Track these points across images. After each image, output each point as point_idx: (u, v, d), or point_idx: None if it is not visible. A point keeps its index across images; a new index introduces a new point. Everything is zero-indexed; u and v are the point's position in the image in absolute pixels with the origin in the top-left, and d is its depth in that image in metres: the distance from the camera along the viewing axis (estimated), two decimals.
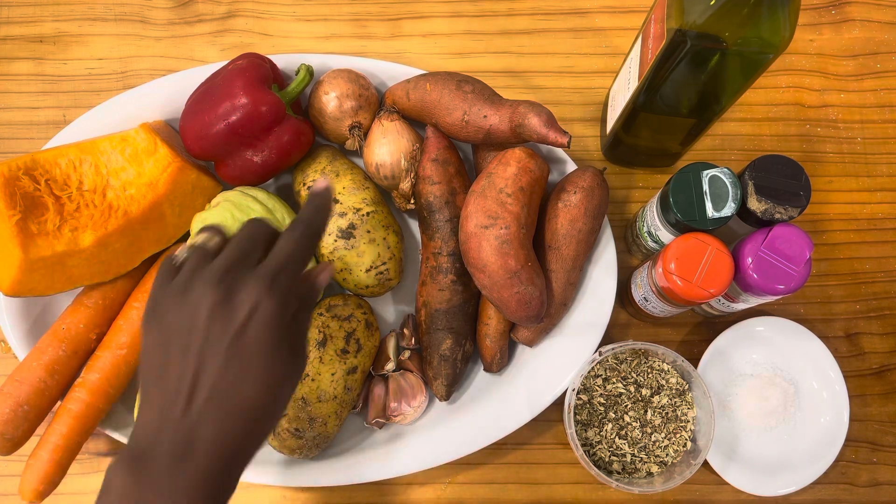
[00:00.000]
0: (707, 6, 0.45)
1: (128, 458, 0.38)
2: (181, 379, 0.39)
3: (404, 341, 0.62)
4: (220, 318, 0.40)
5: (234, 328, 0.39)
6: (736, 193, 0.55)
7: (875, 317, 0.68)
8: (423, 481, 0.64)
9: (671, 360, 0.60)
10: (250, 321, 0.40)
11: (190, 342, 0.40)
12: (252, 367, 0.39)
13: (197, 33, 0.72)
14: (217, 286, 0.40)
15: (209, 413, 0.39)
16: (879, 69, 0.72)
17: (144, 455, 0.38)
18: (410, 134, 0.63)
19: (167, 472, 0.38)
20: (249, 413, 0.40)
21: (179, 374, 0.39)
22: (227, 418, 0.39)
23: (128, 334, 0.58)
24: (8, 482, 0.63)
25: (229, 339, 0.39)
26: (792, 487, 0.62)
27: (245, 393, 0.39)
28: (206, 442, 0.38)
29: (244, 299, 0.40)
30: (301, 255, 0.43)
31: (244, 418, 0.39)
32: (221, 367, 0.39)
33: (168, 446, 0.38)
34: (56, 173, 0.58)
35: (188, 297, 0.41)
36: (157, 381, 0.40)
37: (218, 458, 0.39)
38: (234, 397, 0.39)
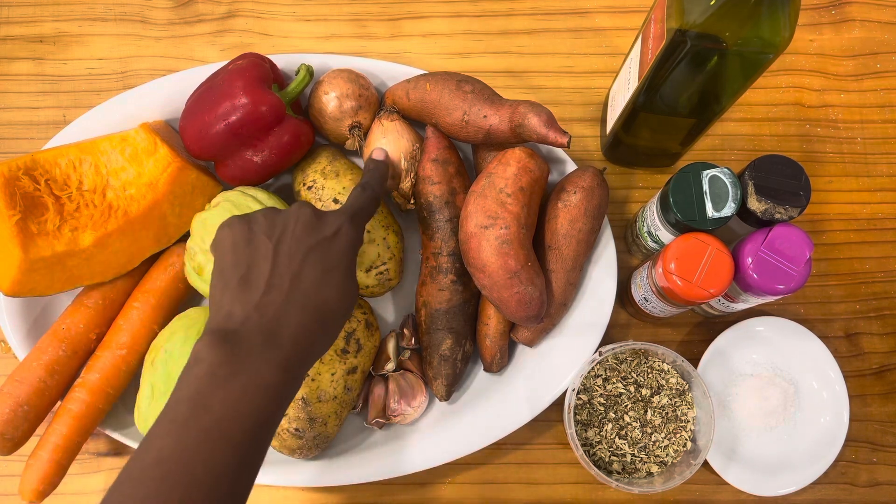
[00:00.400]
0: (707, 6, 0.45)
1: (216, 336, 0.42)
2: (272, 273, 0.44)
3: (404, 341, 0.62)
4: (310, 228, 0.47)
5: (321, 238, 0.46)
6: (736, 193, 0.55)
7: (875, 317, 0.68)
8: (423, 481, 0.64)
9: (671, 360, 0.60)
10: (335, 237, 0.47)
11: (281, 240, 0.46)
12: (333, 274, 0.46)
13: (197, 33, 0.72)
14: (305, 205, 0.48)
15: (294, 306, 0.44)
16: (879, 69, 0.72)
17: (234, 335, 0.42)
18: (410, 134, 0.63)
19: (257, 352, 0.42)
20: (327, 314, 0.45)
21: (269, 270, 0.44)
22: (308, 313, 0.44)
23: (128, 334, 0.58)
24: (8, 482, 0.63)
25: (316, 245, 0.46)
26: (792, 487, 0.62)
27: (326, 295, 0.45)
28: (291, 330, 0.43)
29: (331, 221, 0.48)
30: (370, 210, 0.52)
31: (322, 317, 0.45)
32: (308, 267, 0.45)
33: (258, 330, 0.42)
34: (56, 173, 0.58)
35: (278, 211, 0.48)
36: (242, 275, 0.45)
37: (298, 348, 0.43)
38: (316, 296, 0.45)
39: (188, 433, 0.39)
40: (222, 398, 0.40)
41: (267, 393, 0.41)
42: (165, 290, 0.60)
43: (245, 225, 0.47)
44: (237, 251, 0.46)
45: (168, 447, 0.38)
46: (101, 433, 0.63)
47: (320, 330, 0.45)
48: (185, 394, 0.40)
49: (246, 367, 0.41)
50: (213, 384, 0.40)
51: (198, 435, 0.39)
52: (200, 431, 0.39)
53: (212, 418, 0.39)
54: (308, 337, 0.44)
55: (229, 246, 0.46)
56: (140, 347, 0.59)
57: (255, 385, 0.41)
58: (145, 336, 0.59)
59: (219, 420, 0.39)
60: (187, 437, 0.39)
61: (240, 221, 0.47)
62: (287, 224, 0.47)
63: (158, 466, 0.38)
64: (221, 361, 0.40)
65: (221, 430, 0.39)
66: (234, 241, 0.46)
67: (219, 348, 0.41)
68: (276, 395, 0.41)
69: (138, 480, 0.38)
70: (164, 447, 0.38)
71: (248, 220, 0.47)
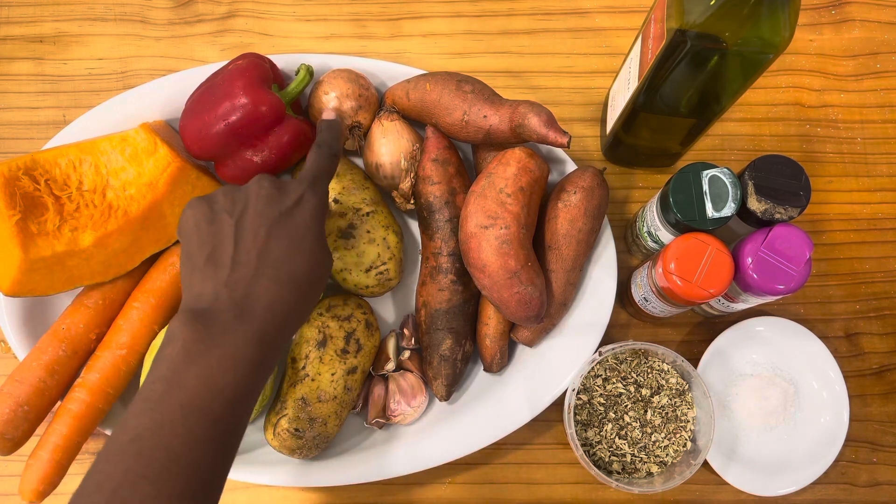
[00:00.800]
0: (707, 6, 0.45)
1: (188, 315, 0.42)
2: (237, 250, 0.45)
3: (404, 341, 0.62)
4: (272, 200, 0.46)
5: (284, 208, 0.46)
6: (736, 193, 0.55)
7: (875, 317, 0.68)
8: (423, 481, 0.64)
9: (671, 360, 0.60)
10: (297, 207, 0.47)
11: (243, 216, 0.46)
12: (301, 243, 0.46)
13: (197, 33, 0.72)
14: (264, 177, 0.48)
15: (264, 277, 0.44)
16: (879, 69, 0.72)
17: (206, 312, 0.42)
18: (410, 134, 0.63)
19: (230, 326, 0.42)
20: (299, 283, 0.45)
21: (234, 247, 0.45)
22: (279, 285, 0.44)
23: (128, 334, 0.58)
24: (8, 482, 0.63)
25: (280, 216, 0.46)
26: (792, 487, 0.62)
27: (294, 265, 0.45)
28: (263, 302, 0.43)
29: (292, 190, 0.48)
30: (329, 171, 0.51)
31: (295, 287, 0.45)
32: (275, 238, 0.45)
33: (229, 305, 0.43)
34: (56, 173, 0.58)
35: (238, 188, 0.48)
36: (207, 254, 0.45)
37: (272, 320, 0.43)
38: (286, 266, 0.45)
39: (164, 410, 0.39)
40: (196, 374, 0.40)
41: (243, 366, 0.41)
42: (165, 290, 0.60)
43: (206, 205, 0.47)
44: (200, 232, 0.46)
45: (144, 425, 0.39)
46: (101, 433, 0.63)
47: (294, 299, 0.45)
48: (159, 373, 0.40)
49: (219, 342, 0.41)
50: (187, 361, 0.40)
51: (173, 411, 0.39)
52: (176, 407, 0.39)
53: (187, 394, 0.39)
54: (282, 308, 0.44)
55: (193, 227, 0.46)
56: (140, 347, 0.59)
57: (230, 359, 0.41)
58: (145, 336, 0.59)
59: (194, 395, 0.39)
60: (163, 413, 0.39)
61: (200, 202, 0.47)
62: (248, 199, 0.47)
63: (135, 443, 0.38)
64: (194, 338, 0.41)
65: (197, 405, 0.39)
66: (197, 221, 0.46)
67: (192, 325, 0.41)
68: (253, 367, 0.42)
69: (116, 457, 0.38)
70: (140, 425, 0.39)
71: (208, 200, 0.47)
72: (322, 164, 0.51)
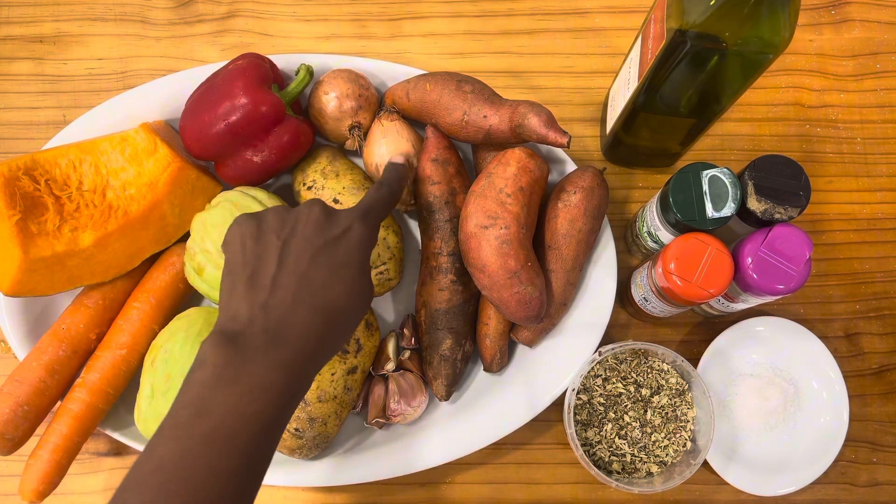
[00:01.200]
0: (707, 6, 0.45)
1: (221, 336, 0.41)
2: (279, 272, 0.44)
3: (404, 341, 0.62)
4: (320, 225, 0.46)
5: (330, 236, 0.45)
6: (736, 193, 0.55)
7: (875, 317, 0.68)
8: (422, 481, 0.64)
9: (671, 360, 0.60)
10: (345, 235, 0.46)
11: (290, 239, 0.45)
12: (342, 273, 0.45)
13: (197, 33, 0.72)
14: (316, 203, 0.47)
15: (301, 305, 0.43)
16: (879, 69, 0.72)
17: (239, 336, 0.41)
18: (410, 134, 0.63)
19: (262, 351, 0.41)
20: (335, 313, 0.44)
21: (276, 269, 0.44)
22: (315, 313, 0.43)
23: (128, 334, 0.58)
24: (8, 482, 0.63)
25: (325, 244, 0.45)
26: (792, 487, 0.62)
27: (334, 294, 0.44)
28: (297, 330, 0.42)
29: (342, 219, 0.47)
30: (385, 206, 0.50)
31: (330, 317, 0.44)
32: (316, 266, 0.44)
33: (263, 329, 0.42)
34: (56, 173, 0.58)
35: (289, 209, 0.47)
36: (249, 274, 0.44)
37: (304, 348, 0.42)
38: (323, 295, 0.44)
39: (190, 438, 0.38)
40: (224, 401, 0.39)
41: (271, 395, 0.40)
42: (165, 290, 0.60)
43: (254, 223, 0.46)
44: (245, 250, 0.45)
45: (169, 454, 0.38)
46: (101, 433, 0.63)
47: (328, 329, 0.44)
48: (187, 398, 0.40)
49: (249, 369, 0.40)
50: (215, 386, 0.39)
51: (200, 440, 0.38)
52: (202, 436, 0.38)
53: (212, 422, 0.38)
54: (316, 337, 0.43)
55: (238, 244, 0.46)
56: (140, 347, 0.59)
57: (258, 387, 0.40)
58: (145, 336, 0.59)
59: (220, 424, 0.38)
60: (189, 441, 0.38)
61: (249, 219, 0.47)
62: (297, 222, 0.46)
63: (159, 472, 0.37)
64: (225, 363, 0.40)
65: (223, 434, 0.38)
66: (243, 239, 0.46)
67: (223, 349, 0.40)
68: (281, 396, 0.40)
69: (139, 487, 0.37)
70: (164, 454, 0.38)
71: (257, 219, 0.47)
72: (379, 199, 0.50)
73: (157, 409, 0.54)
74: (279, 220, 0.46)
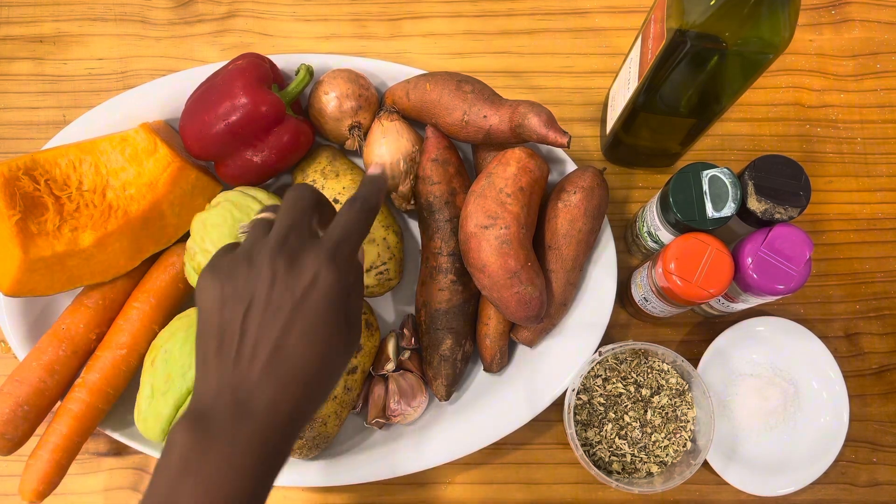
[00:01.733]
0: (707, 6, 0.45)
1: (189, 417, 0.39)
2: (241, 342, 0.40)
3: (404, 341, 0.62)
4: (283, 284, 0.41)
5: (296, 295, 0.41)
6: (736, 193, 0.55)
7: (875, 317, 0.68)
8: (423, 481, 0.64)
9: (671, 360, 0.60)
10: (311, 289, 0.41)
11: (251, 307, 0.41)
12: (312, 333, 0.40)
13: (197, 33, 0.72)
14: (279, 254, 0.41)
15: (268, 376, 0.39)
16: (879, 69, 0.72)
17: (205, 415, 0.39)
18: (410, 134, 0.63)
19: (227, 430, 0.38)
20: (307, 378, 0.40)
21: (239, 338, 0.40)
22: (285, 382, 0.40)
23: (128, 334, 0.58)
24: (8, 482, 0.63)
25: (291, 305, 0.40)
26: (792, 487, 0.62)
27: (303, 358, 0.40)
28: (265, 403, 0.39)
29: (306, 268, 0.41)
30: (360, 229, 0.44)
31: (302, 383, 0.40)
32: (282, 331, 0.40)
33: (228, 406, 0.39)
34: (56, 173, 0.58)
35: (251, 265, 0.42)
36: (216, 345, 0.41)
37: (275, 420, 0.39)
38: (292, 362, 0.40)
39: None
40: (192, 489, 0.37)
41: (243, 475, 0.37)
42: (165, 290, 0.60)
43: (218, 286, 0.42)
44: (211, 318, 0.42)
45: None
46: (101, 433, 0.63)
47: (303, 395, 0.40)
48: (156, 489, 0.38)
49: (217, 449, 0.37)
50: (183, 473, 0.37)
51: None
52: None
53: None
54: (287, 407, 0.40)
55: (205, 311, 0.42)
56: (140, 347, 0.59)
57: (228, 468, 0.37)
58: (145, 336, 0.59)
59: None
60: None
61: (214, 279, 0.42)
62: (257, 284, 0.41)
63: None
64: (191, 446, 0.37)
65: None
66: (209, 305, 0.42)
67: (190, 433, 0.38)
68: (254, 475, 0.38)
69: None
70: None
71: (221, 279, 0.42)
72: (350, 222, 0.44)
73: (157, 409, 0.54)
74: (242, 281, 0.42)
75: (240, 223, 0.57)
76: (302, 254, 0.42)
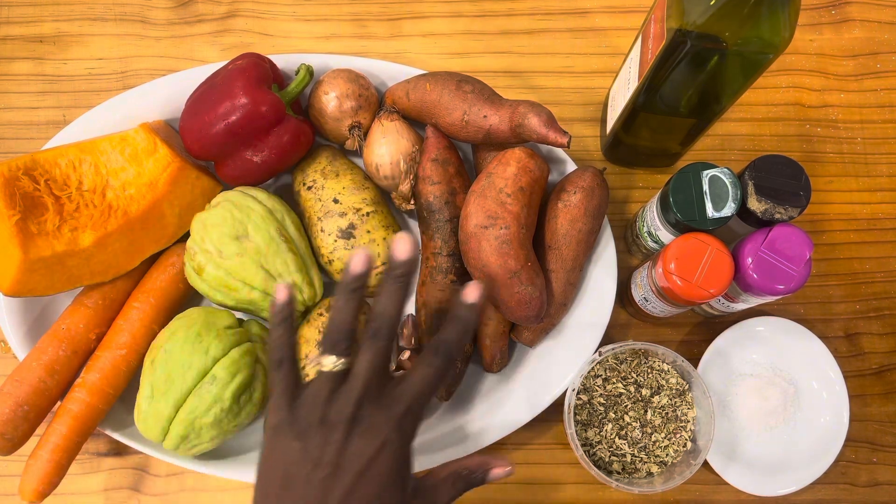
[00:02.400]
0: (707, 6, 0.45)
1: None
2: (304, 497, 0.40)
3: (404, 341, 0.62)
4: (352, 452, 0.41)
5: (363, 461, 0.40)
6: (736, 193, 0.55)
7: (875, 317, 0.68)
8: None
9: (671, 360, 0.60)
10: (378, 456, 0.41)
11: (318, 466, 0.40)
12: (372, 498, 0.40)
13: (197, 33, 0.72)
14: (349, 425, 0.41)
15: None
16: (879, 69, 0.72)
17: None
18: (410, 134, 0.63)
19: None
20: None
21: (302, 497, 0.40)
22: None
23: (128, 334, 0.58)
24: (8, 482, 0.63)
25: (358, 469, 0.40)
26: (792, 487, 0.62)
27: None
28: None
29: (374, 437, 0.41)
30: (431, 391, 0.43)
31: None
32: (345, 494, 0.40)
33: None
34: (56, 173, 0.58)
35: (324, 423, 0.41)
36: (278, 492, 0.41)
37: None
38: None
39: None
40: None
41: None
42: (165, 290, 0.60)
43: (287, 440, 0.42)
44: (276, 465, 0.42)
45: None
46: (101, 433, 0.63)
47: None
48: None
49: None
50: None
51: None
52: None
53: None
54: None
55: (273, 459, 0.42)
56: (140, 347, 0.59)
57: None
58: (145, 336, 0.59)
59: None
60: None
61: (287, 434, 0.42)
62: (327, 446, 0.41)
63: None
64: None
65: None
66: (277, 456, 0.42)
67: None
68: None
69: None
70: None
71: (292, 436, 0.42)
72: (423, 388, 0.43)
73: (157, 409, 0.54)
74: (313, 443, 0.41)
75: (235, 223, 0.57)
76: (375, 419, 0.41)
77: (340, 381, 0.43)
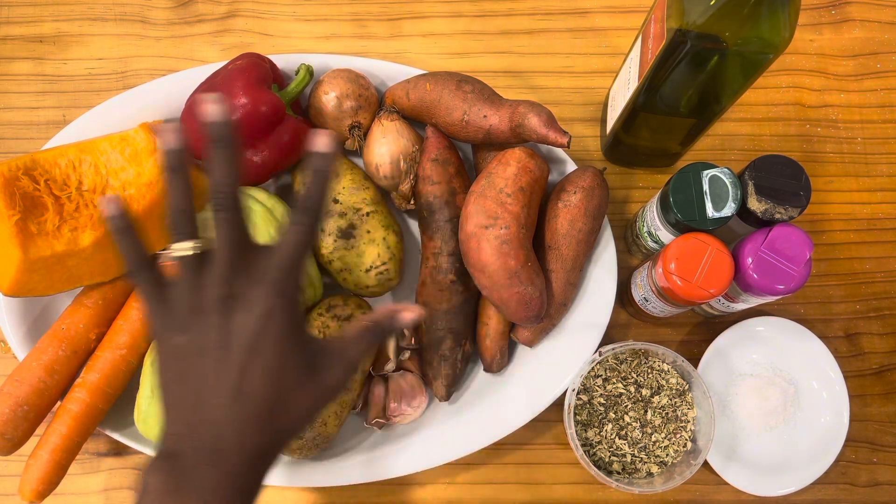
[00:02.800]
0: (707, 6, 0.45)
1: (161, 459, 0.39)
2: (202, 389, 0.40)
3: (404, 341, 0.62)
4: (235, 330, 0.40)
5: (249, 338, 0.40)
6: (736, 193, 0.55)
7: (875, 317, 0.67)
8: (423, 481, 0.64)
9: (671, 360, 0.60)
10: (265, 328, 0.41)
11: (207, 354, 0.40)
12: (269, 370, 0.40)
13: (197, 33, 0.72)
14: (224, 304, 0.41)
15: (232, 416, 0.40)
16: (879, 69, 0.72)
17: (176, 457, 0.39)
18: (410, 134, 0.63)
19: (198, 471, 0.39)
20: (271, 414, 0.40)
21: (199, 385, 0.40)
22: (249, 420, 0.40)
23: (128, 334, 0.58)
24: (8, 482, 0.63)
25: (246, 347, 0.40)
26: (792, 487, 0.62)
27: (264, 396, 0.40)
28: (232, 443, 0.40)
29: (256, 309, 0.41)
30: (304, 250, 0.43)
31: (266, 419, 0.40)
32: (239, 373, 0.40)
33: (197, 451, 0.39)
34: (56, 173, 0.58)
35: (200, 312, 0.41)
36: (178, 393, 0.41)
37: (243, 460, 0.40)
38: (254, 401, 0.40)
39: None
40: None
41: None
42: None
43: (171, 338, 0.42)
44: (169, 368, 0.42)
45: None
46: (101, 433, 0.63)
47: (269, 430, 0.41)
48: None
49: (189, 489, 0.38)
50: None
51: None
52: None
53: None
54: (254, 444, 0.40)
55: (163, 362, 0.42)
56: (140, 347, 0.59)
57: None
58: (145, 336, 0.59)
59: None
60: None
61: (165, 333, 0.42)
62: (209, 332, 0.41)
63: None
64: (165, 488, 0.38)
65: None
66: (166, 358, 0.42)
67: (162, 474, 0.38)
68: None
69: None
70: None
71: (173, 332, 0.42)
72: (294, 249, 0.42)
73: (157, 409, 0.54)
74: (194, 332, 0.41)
75: None
76: (249, 296, 0.41)
77: (204, 265, 0.42)
